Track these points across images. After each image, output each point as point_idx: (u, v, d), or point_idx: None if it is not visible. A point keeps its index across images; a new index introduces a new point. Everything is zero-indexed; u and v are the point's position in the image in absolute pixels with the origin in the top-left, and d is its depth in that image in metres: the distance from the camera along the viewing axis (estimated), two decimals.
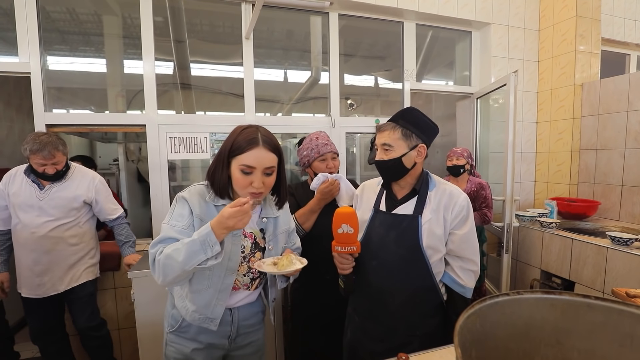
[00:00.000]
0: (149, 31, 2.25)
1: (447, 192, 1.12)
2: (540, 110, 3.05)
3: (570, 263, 2.16)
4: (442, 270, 1.15)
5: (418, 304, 1.12)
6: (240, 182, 0.96)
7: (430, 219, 1.09)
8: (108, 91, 2.59)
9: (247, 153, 0.94)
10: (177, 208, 1.00)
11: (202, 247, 0.87)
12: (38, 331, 1.82)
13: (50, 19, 2.43)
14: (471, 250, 1.11)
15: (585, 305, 0.61)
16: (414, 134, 1.08)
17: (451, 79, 3.45)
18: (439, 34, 3.12)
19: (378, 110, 4.52)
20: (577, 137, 2.81)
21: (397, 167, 1.09)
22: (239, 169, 0.95)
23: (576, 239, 2.13)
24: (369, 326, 1.18)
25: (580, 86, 2.76)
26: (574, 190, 2.86)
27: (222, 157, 0.98)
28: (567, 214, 2.67)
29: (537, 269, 2.42)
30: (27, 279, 1.72)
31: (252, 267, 1.07)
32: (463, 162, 2.30)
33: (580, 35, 2.71)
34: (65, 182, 1.75)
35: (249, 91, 2.48)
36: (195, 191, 1.02)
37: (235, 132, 1.00)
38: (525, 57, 3.00)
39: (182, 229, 0.97)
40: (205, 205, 1.01)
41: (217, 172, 0.99)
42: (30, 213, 1.67)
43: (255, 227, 1.09)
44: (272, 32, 3.26)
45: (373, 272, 1.14)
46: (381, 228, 1.15)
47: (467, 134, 3.11)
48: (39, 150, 1.60)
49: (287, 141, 3.90)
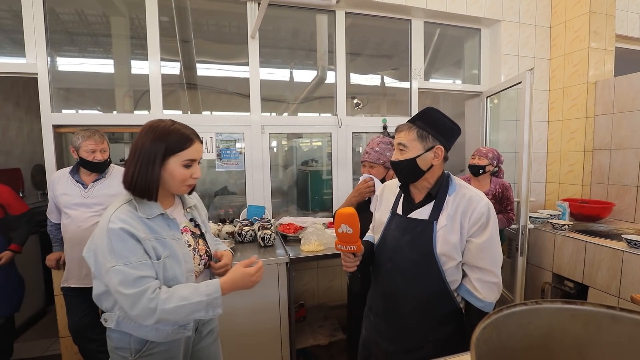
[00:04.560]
0: (154, 31, 2.24)
1: (466, 197, 1.06)
2: (552, 109, 2.98)
3: (584, 266, 2.10)
4: (459, 279, 1.09)
5: (431, 309, 1.09)
6: (183, 176, 0.99)
7: (445, 225, 1.05)
8: (116, 92, 2.60)
9: (189, 149, 0.98)
10: (116, 243, 0.88)
11: (206, 308, 0.92)
12: (79, 325, 1.88)
13: (58, 20, 2.44)
14: (490, 260, 1.04)
15: (609, 317, 0.57)
16: (431, 135, 1.04)
17: (459, 78, 3.40)
18: (447, 31, 3.07)
19: (385, 110, 4.47)
20: (590, 137, 2.73)
21: (411, 168, 1.06)
22: (182, 164, 0.98)
23: (590, 241, 2.07)
24: (382, 326, 1.17)
25: (593, 84, 2.69)
26: (586, 191, 2.79)
27: (151, 158, 0.94)
28: (580, 216, 2.60)
29: (549, 272, 2.36)
30: (75, 270, 1.84)
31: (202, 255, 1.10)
32: (485, 162, 2.21)
33: (593, 31, 2.64)
34: (106, 181, 1.88)
35: (255, 91, 2.46)
36: (125, 215, 0.93)
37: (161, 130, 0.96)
38: (536, 55, 2.93)
39: (139, 262, 0.90)
40: (142, 224, 0.95)
41: (147, 175, 0.94)
42: (77, 210, 1.81)
43: (185, 220, 1.11)
44: (278, 32, 3.24)
45: (387, 274, 1.14)
46: (397, 231, 1.13)
47: (476, 133, 3.05)
48: (90, 136, 1.79)
49: (293, 141, 3.88)
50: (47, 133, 2.10)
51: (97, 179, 1.86)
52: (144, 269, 0.90)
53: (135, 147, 0.96)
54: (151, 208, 0.98)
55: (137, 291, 0.87)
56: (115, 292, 0.88)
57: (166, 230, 0.99)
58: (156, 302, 0.87)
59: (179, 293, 0.90)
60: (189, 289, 0.92)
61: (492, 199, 2.20)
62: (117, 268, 0.87)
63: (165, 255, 0.95)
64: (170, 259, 0.96)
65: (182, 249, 1.02)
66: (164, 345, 1.02)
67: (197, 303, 0.90)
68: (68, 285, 1.84)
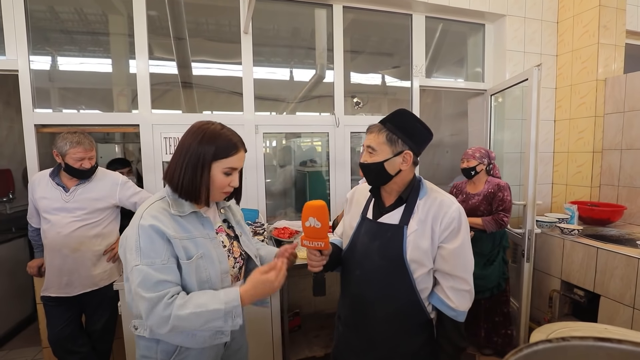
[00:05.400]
0: (142, 27, 2.14)
1: (437, 201, 1.02)
2: (559, 108, 2.86)
3: (595, 274, 1.98)
4: (430, 287, 1.05)
5: (401, 319, 1.04)
6: (222, 184, 0.95)
7: (416, 230, 1.00)
8: (112, 90, 2.51)
9: (234, 157, 0.94)
10: (144, 241, 0.85)
11: (224, 317, 0.86)
12: (59, 336, 1.79)
13: (58, 19, 2.35)
14: (462, 267, 1.00)
15: None
16: (400, 140, 1.00)
17: (462, 77, 3.28)
18: (450, 27, 2.96)
19: (386, 109, 4.37)
20: (600, 136, 2.61)
21: (379, 172, 1.02)
22: (223, 171, 0.94)
23: (602, 247, 1.95)
24: (352, 337, 1.12)
25: (603, 81, 2.57)
26: (595, 193, 2.67)
27: (200, 161, 0.90)
28: (589, 219, 2.48)
29: (557, 279, 2.25)
30: (55, 279, 1.74)
31: (237, 257, 1.04)
32: (474, 163, 2.14)
33: (603, 26, 2.52)
34: (90, 184, 1.77)
35: (248, 89, 2.36)
36: (158, 210, 0.89)
37: (212, 133, 0.93)
38: (542, 51, 2.81)
39: (163, 265, 0.86)
40: (174, 222, 0.91)
41: (195, 177, 0.91)
42: (57, 215, 1.71)
43: (219, 220, 1.07)
44: (276, 30, 3.15)
45: (356, 282, 1.09)
46: (366, 237, 1.08)
47: (480, 133, 2.93)
48: (79, 143, 1.66)
49: (291, 141, 3.77)
50: (28, 133, 2.00)
51: (80, 182, 1.76)
52: (167, 273, 0.86)
53: (182, 146, 0.93)
54: (184, 205, 0.94)
55: (155, 295, 0.83)
56: (135, 293, 0.84)
57: (200, 229, 0.95)
58: (171, 309, 0.82)
59: (196, 299, 0.85)
60: (207, 295, 0.87)
61: (482, 200, 2.12)
62: (140, 267, 0.84)
63: (199, 255, 0.91)
64: (204, 259, 0.92)
65: (217, 248, 0.97)
66: (192, 354, 0.96)
67: (215, 311, 0.84)
68: (48, 295, 1.74)
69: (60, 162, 1.71)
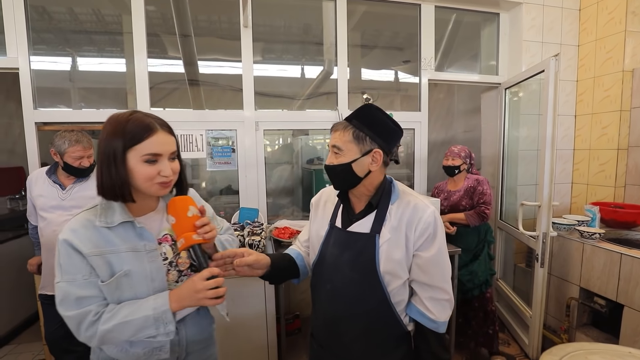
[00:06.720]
0: (140, 24, 2.11)
1: (410, 205, 0.94)
2: (580, 102, 2.67)
3: (618, 282, 1.82)
4: (406, 299, 0.98)
5: (376, 335, 0.97)
6: (146, 174, 0.82)
7: (389, 239, 0.92)
8: (123, 89, 2.51)
9: (148, 140, 0.81)
10: (62, 257, 0.80)
11: (155, 324, 0.80)
12: (55, 335, 1.78)
13: (55, 19, 2.36)
14: (441, 276, 0.94)
15: None
16: (368, 137, 0.91)
17: (475, 71, 3.12)
18: (463, 18, 2.81)
19: (398, 105, 4.23)
20: (625, 133, 2.42)
21: (346, 174, 0.93)
22: (142, 160, 0.81)
23: (626, 253, 1.79)
24: (326, 357, 1.05)
25: (630, 72, 2.37)
26: (619, 193, 2.47)
27: (110, 156, 0.80)
28: (613, 222, 2.29)
29: (576, 286, 2.09)
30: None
31: (183, 270, 0.93)
32: (459, 162, 2.17)
33: (632, 12, 2.31)
34: (86, 182, 1.75)
35: (248, 84, 2.29)
36: (78, 223, 0.82)
37: (117, 122, 0.81)
38: (562, 41, 2.62)
39: (85, 280, 0.80)
40: (97, 235, 0.82)
41: (111, 173, 0.80)
42: (53, 213, 1.70)
43: (168, 226, 0.93)
44: (284, 27, 3.08)
45: (327, 298, 1.00)
46: (335, 247, 0.99)
47: (493, 129, 2.78)
48: (78, 142, 1.65)
49: (298, 138, 3.69)
50: (29, 131, 2.02)
51: (76, 181, 1.74)
52: (90, 288, 0.80)
53: (98, 145, 0.84)
54: (114, 214, 0.83)
55: (76, 313, 0.78)
56: (59, 311, 0.80)
57: (133, 240, 0.85)
58: (95, 327, 0.78)
59: (124, 310, 0.80)
60: (136, 304, 0.82)
61: (463, 196, 2.16)
62: (60, 285, 0.80)
63: (123, 273, 0.82)
64: (129, 277, 0.83)
65: (153, 263, 0.86)
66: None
67: (143, 318, 0.79)
68: (45, 293, 1.74)
69: (58, 161, 1.69)
